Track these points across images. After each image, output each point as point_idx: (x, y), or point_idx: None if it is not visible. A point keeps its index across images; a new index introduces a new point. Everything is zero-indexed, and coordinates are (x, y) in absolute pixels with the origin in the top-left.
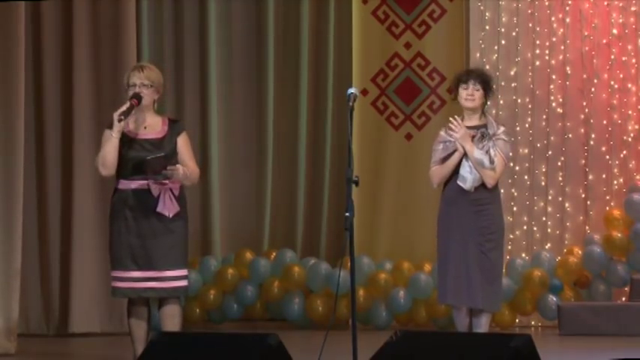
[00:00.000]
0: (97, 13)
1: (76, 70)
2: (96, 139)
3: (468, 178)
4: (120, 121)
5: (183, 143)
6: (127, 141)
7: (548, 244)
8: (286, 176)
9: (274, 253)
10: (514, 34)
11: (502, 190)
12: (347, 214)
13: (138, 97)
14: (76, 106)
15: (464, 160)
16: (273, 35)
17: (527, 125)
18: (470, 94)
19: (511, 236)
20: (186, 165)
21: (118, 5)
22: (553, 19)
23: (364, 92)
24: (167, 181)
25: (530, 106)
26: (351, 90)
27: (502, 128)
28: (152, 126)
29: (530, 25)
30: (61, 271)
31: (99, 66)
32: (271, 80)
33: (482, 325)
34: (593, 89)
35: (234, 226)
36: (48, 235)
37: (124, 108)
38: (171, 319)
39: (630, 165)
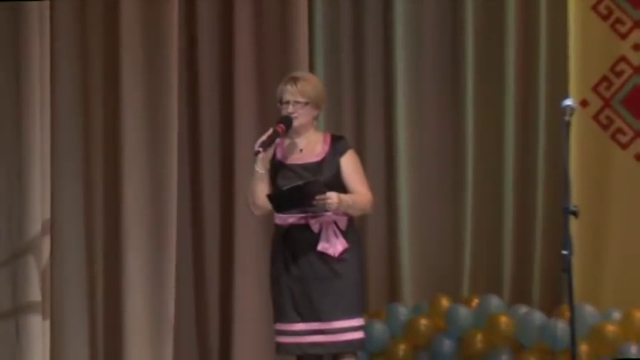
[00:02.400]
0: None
1: (237, 66)
2: None
3: None
4: (257, 153)
5: (348, 164)
6: (280, 169)
7: None
8: (489, 205)
9: (476, 300)
10: None
11: None
12: (564, 251)
13: (287, 121)
14: (238, 114)
15: None
16: (472, 35)
17: None
18: None
19: None
20: (353, 190)
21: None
22: None
23: (584, 103)
24: (329, 213)
25: None
26: (568, 102)
27: None
28: (310, 148)
29: None
30: (221, 319)
31: (263, 59)
32: (470, 89)
33: None
34: None
35: (427, 267)
36: (205, 277)
37: (264, 137)
38: None
39: None
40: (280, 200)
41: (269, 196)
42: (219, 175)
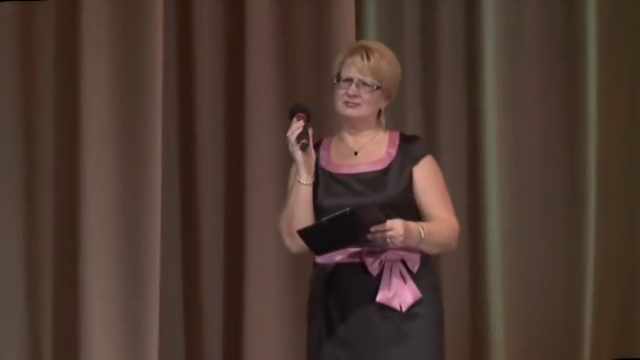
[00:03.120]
0: None
1: (249, 45)
2: (278, 170)
3: None
4: (305, 146)
5: (425, 175)
6: (323, 179)
7: None
8: (619, 235)
9: None
10: None
11: None
12: None
13: (304, 110)
14: (249, 111)
15: None
16: (595, 24)
17: None
18: None
19: None
20: (431, 214)
21: None
22: None
23: None
24: (393, 248)
25: None
26: None
27: None
28: (369, 151)
29: None
30: None
31: (289, 39)
32: (593, 78)
33: None
34: None
35: (528, 324)
36: (203, 343)
37: (295, 129)
38: None
39: None
40: (318, 237)
41: (301, 233)
42: (223, 195)
